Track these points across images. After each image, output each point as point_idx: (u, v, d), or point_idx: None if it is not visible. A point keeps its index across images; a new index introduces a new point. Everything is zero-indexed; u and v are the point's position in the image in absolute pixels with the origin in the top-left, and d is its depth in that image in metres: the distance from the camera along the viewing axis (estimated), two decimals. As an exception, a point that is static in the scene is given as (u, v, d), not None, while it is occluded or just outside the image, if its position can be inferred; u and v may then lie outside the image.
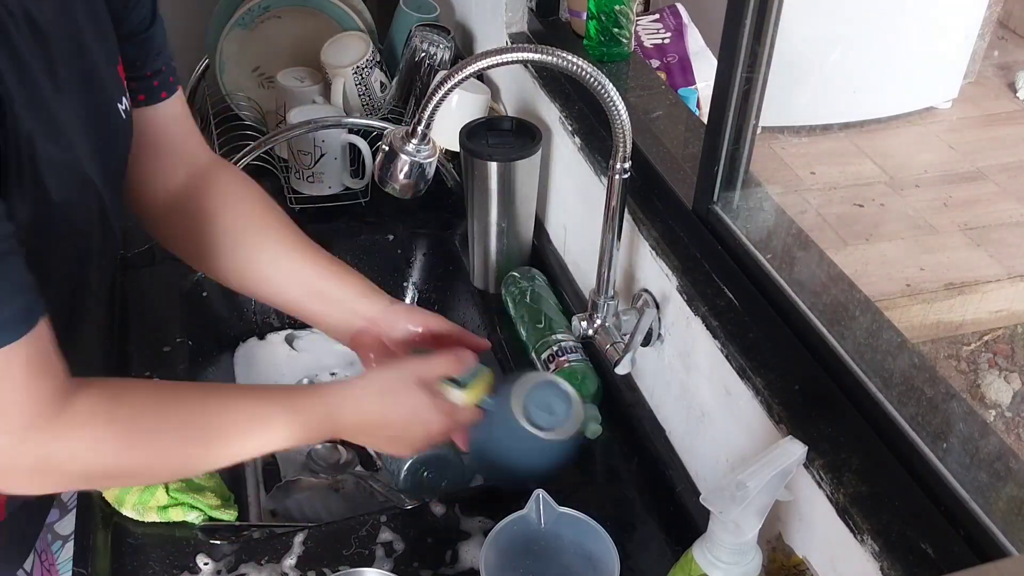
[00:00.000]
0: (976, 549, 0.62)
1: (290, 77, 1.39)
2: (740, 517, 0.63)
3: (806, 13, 1.85)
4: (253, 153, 1.21)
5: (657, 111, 1.09)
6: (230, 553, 0.88)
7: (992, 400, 2.30)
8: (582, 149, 1.08)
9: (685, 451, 0.94)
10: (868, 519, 0.66)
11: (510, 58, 0.80)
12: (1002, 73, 3.24)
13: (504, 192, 1.12)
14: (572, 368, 1.02)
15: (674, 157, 1.00)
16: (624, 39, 1.17)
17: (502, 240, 1.17)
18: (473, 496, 0.94)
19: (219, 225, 0.87)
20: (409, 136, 0.83)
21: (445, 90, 0.79)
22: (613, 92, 0.80)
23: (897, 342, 0.76)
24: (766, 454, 0.65)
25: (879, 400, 0.71)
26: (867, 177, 2.79)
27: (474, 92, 1.26)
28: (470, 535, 0.90)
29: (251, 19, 1.42)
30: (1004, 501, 0.64)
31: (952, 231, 2.58)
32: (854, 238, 2.55)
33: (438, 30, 1.39)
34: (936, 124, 3.04)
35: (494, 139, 1.14)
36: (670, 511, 0.93)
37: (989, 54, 3.11)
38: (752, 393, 0.78)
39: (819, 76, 2.60)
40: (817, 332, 0.77)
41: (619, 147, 0.84)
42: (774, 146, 2.83)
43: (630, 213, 0.96)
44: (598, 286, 0.93)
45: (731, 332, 0.83)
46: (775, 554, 0.77)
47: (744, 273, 0.85)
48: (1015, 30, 3.42)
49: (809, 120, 2.91)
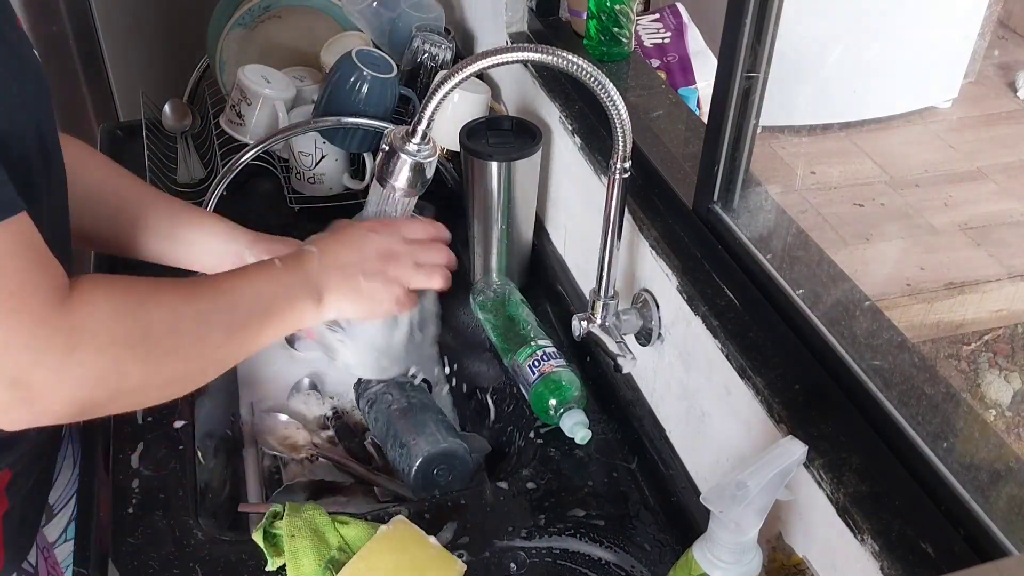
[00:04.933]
0: (976, 549, 0.62)
1: (290, 77, 1.39)
2: (740, 517, 0.63)
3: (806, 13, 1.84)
4: (253, 153, 1.21)
5: (657, 111, 1.09)
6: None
7: (992, 400, 2.30)
8: (582, 149, 1.08)
9: (685, 451, 0.94)
10: (868, 519, 0.66)
11: (510, 58, 0.80)
12: (1002, 73, 3.23)
13: (504, 192, 1.12)
14: (557, 374, 1.02)
15: (674, 157, 1.00)
16: (624, 39, 1.17)
17: (502, 240, 1.17)
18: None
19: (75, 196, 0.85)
20: (409, 136, 0.83)
21: (445, 90, 0.79)
22: (613, 92, 0.80)
23: (897, 342, 0.76)
24: (766, 454, 0.65)
25: (879, 400, 0.71)
26: (867, 177, 2.79)
27: (474, 92, 1.26)
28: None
29: (251, 19, 1.42)
30: (1004, 501, 0.63)
31: (952, 231, 2.58)
32: (854, 238, 2.55)
33: (439, 31, 1.39)
34: (936, 124, 3.03)
35: (494, 139, 1.14)
36: (670, 511, 0.93)
37: (989, 54, 3.11)
38: (752, 393, 0.78)
39: (819, 76, 2.60)
40: (817, 332, 0.77)
41: (619, 147, 0.84)
42: (774, 146, 2.82)
43: (630, 213, 0.96)
44: (598, 286, 0.93)
45: (731, 332, 0.83)
46: (775, 554, 0.77)
47: (744, 273, 0.85)
48: (1015, 30, 3.42)
49: (809, 120, 2.90)
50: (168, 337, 0.70)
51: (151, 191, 0.96)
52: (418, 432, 1.04)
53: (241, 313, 0.76)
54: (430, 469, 1.01)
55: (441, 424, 1.06)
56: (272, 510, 0.86)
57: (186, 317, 0.72)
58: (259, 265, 0.81)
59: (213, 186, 1.19)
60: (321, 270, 0.81)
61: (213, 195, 1.18)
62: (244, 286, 0.77)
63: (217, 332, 0.74)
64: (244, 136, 1.34)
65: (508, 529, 0.91)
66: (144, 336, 0.68)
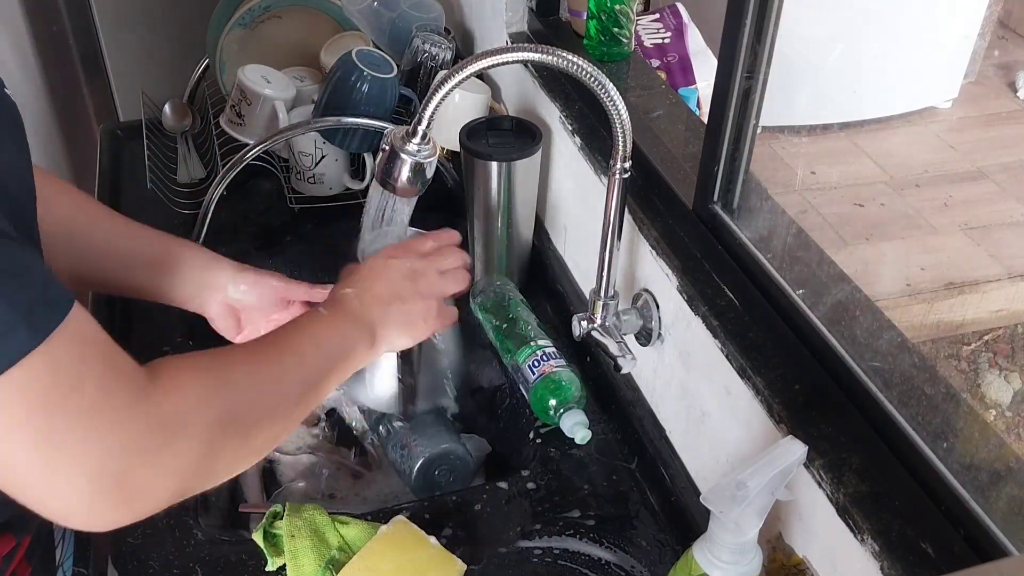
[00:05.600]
0: (976, 549, 0.62)
1: (290, 77, 1.39)
2: (740, 517, 0.63)
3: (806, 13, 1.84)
4: (253, 153, 1.21)
5: (657, 111, 1.09)
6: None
7: (992, 400, 2.30)
8: (582, 149, 1.08)
9: (685, 451, 0.94)
10: (868, 519, 0.66)
11: (510, 58, 0.80)
12: (1002, 73, 3.23)
13: (504, 192, 1.12)
14: (558, 374, 1.02)
15: (674, 157, 1.00)
16: (624, 39, 1.17)
17: (502, 240, 1.17)
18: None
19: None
20: (409, 136, 0.83)
21: (445, 90, 0.80)
22: (613, 92, 0.80)
23: (897, 342, 0.76)
24: (766, 454, 0.65)
25: (879, 400, 0.71)
26: (867, 177, 2.79)
27: (474, 92, 1.26)
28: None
29: (251, 19, 1.42)
30: (1004, 501, 0.63)
31: (952, 231, 2.58)
32: (854, 238, 2.55)
33: (439, 31, 1.39)
34: (936, 124, 3.03)
35: (494, 139, 1.14)
36: (670, 511, 0.93)
37: (989, 54, 3.11)
38: (752, 393, 0.78)
39: (819, 76, 2.60)
40: (817, 332, 0.77)
41: (619, 147, 0.84)
42: (774, 146, 2.82)
43: (630, 213, 0.96)
44: (598, 286, 0.93)
45: (731, 332, 0.83)
46: (775, 554, 0.77)
47: (744, 273, 0.85)
48: (1015, 30, 3.42)
49: (809, 120, 2.90)
50: (254, 410, 0.70)
51: (123, 222, 0.92)
52: (419, 433, 1.04)
53: (310, 369, 0.76)
54: (431, 470, 1.01)
55: (442, 425, 1.06)
56: (272, 510, 0.86)
57: (265, 386, 0.72)
58: (309, 316, 0.81)
59: (213, 186, 1.19)
60: (363, 309, 0.81)
61: (213, 195, 1.19)
62: (305, 341, 0.77)
63: (293, 393, 0.74)
64: (244, 136, 1.34)
65: (508, 529, 0.91)
66: (233, 415, 0.67)
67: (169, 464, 0.62)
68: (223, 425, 0.66)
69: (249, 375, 0.71)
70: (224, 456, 0.67)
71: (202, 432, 0.64)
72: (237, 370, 0.70)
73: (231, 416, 0.67)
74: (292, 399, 0.74)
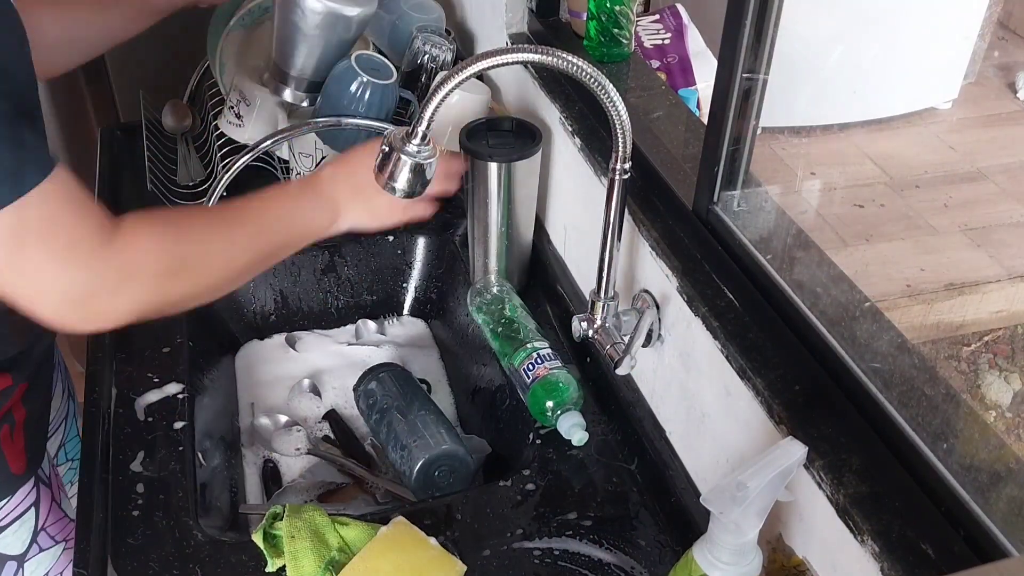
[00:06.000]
0: (976, 549, 0.62)
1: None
2: (740, 518, 0.63)
3: (806, 13, 1.85)
4: (253, 153, 1.21)
5: (657, 111, 1.09)
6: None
7: (992, 400, 2.30)
8: (582, 149, 1.08)
9: (685, 451, 0.94)
10: (868, 519, 0.66)
11: (510, 59, 0.80)
12: (1002, 73, 3.23)
13: (504, 192, 1.12)
14: (555, 376, 1.01)
15: (674, 157, 1.00)
16: (624, 40, 1.17)
17: (502, 240, 1.17)
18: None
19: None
20: (409, 136, 0.83)
21: (445, 91, 0.79)
22: (613, 93, 0.80)
23: (897, 342, 0.76)
24: (766, 454, 0.65)
25: (879, 400, 0.71)
26: (867, 177, 2.79)
27: (474, 93, 1.26)
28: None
29: (251, 19, 1.42)
30: (1004, 501, 0.63)
31: (952, 231, 2.58)
32: (854, 238, 2.55)
33: (439, 32, 1.39)
34: (936, 124, 3.03)
35: (494, 139, 1.14)
36: (670, 512, 0.93)
37: (989, 54, 3.11)
38: (752, 393, 0.78)
39: (819, 77, 2.60)
40: (817, 332, 0.77)
41: (619, 147, 0.84)
42: (774, 146, 2.82)
43: (630, 213, 0.96)
44: (598, 286, 0.93)
45: (731, 332, 0.83)
46: (775, 555, 0.77)
47: (744, 273, 0.85)
48: (1015, 30, 3.42)
49: (809, 120, 2.90)
50: (202, 263, 0.83)
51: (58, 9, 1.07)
52: (419, 434, 1.04)
53: (267, 237, 0.90)
54: (431, 471, 1.01)
55: (441, 426, 1.06)
56: (272, 511, 0.86)
57: (217, 244, 0.85)
58: (278, 188, 0.94)
59: (213, 187, 1.19)
60: (334, 188, 0.94)
61: (213, 196, 1.18)
62: (268, 209, 0.91)
63: (244, 254, 0.87)
64: (243, 137, 1.34)
65: (508, 530, 0.91)
66: (182, 265, 0.81)
67: (124, 298, 0.77)
68: (173, 272, 0.80)
69: (204, 231, 0.84)
70: (172, 295, 0.82)
71: (152, 278, 0.79)
72: (195, 227, 0.84)
73: (180, 266, 0.81)
74: (243, 259, 0.88)
